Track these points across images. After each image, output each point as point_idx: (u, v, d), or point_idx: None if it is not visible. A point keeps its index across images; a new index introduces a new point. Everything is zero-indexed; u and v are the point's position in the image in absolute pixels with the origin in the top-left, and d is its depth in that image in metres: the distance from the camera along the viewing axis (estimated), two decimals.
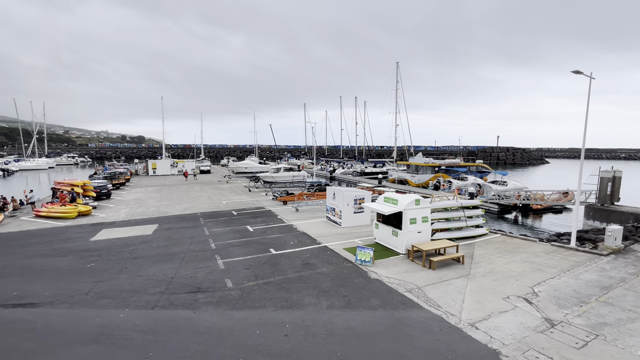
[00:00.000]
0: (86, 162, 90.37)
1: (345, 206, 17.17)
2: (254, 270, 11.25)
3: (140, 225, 17.88)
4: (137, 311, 8.49)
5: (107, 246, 14.04)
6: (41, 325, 7.79)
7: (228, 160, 75.54)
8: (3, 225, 17.96)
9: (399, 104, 54.85)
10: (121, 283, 10.20)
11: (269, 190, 30.31)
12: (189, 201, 25.34)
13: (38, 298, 9.20)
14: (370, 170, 52.84)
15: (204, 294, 9.49)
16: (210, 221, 18.62)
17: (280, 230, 16.70)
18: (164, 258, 12.47)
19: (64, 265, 11.76)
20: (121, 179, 34.15)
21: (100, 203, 24.20)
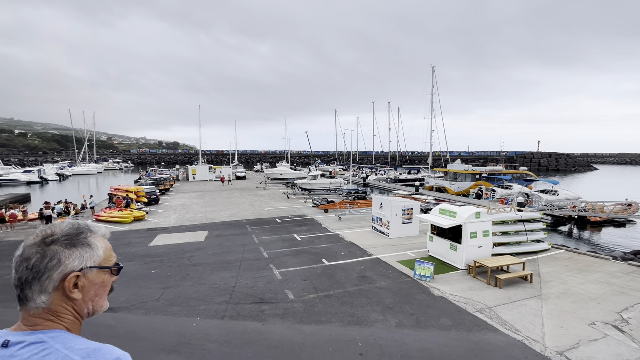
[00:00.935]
0: (129, 167, 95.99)
1: (393, 216, 16.81)
2: (311, 282, 11.22)
3: (192, 231, 18.54)
4: (208, 320, 8.70)
5: (165, 252, 14.65)
6: (123, 331, 8.17)
7: (261, 167, 77.19)
8: None
9: (435, 108, 53.51)
10: (187, 290, 10.54)
11: (308, 197, 30.49)
12: (232, 207, 26.02)
13: (114, 302, 9.69)
14: (405, 177, 51.78)
15: (268, 305, 9.56)
16: (257, 228, 18.94)
17: (327, 239, 16.64)
18: (222, 266, 12.78)
19: (131, 270, 12.38)
20: (166, 185, 35.85)
21: (151, 208, 25.46)
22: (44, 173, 55.33)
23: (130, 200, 23.31)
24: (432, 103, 53.30)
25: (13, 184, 48.36)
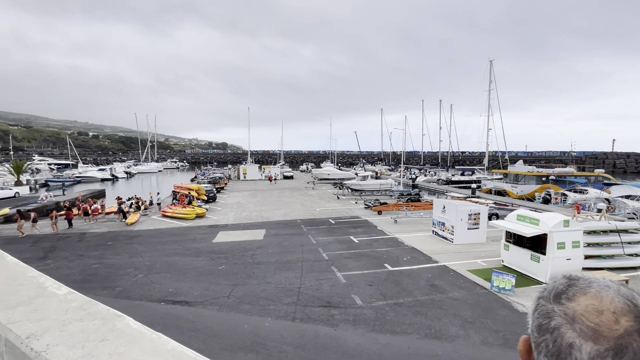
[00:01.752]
0: (184, 166, 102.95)
1: (458, 221, 15.72)
2: (377, 288, 10.78)
3: (250, 229, 19.06)
4: (279, 322, 8.68)
5: (228, 249, 15.15)
6: (201, 326, 8.45)
7: (307, 167, 78.12)
8: (140, 223, 20.96)
9: (492, 105, 49.83)
10: (254, 289, 10.70)
11: (358, 198, 29.99)
12: (285, 207, 26.42)
13: (190, 297, 10.13)
14: (458, 179, 48.87)
15: (337, 310, 9.31)
16: (312, 229, 18.92)
17: (386, 243, 16.05)
18: (284, 266, 12.85)
19: (200, 265, 12.94)
20: (221, 184, 37.62)
21: (209, 206, 26.77)
22: (114, 171, 61.31)
23: (192, 197, 24.72)
24: (490, 99, 49.78)
25: (90, 181, 54.22)
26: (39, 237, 17.59)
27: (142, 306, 9.52)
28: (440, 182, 47.57)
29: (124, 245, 15.94)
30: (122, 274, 12.09)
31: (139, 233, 18.33)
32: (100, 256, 14.17)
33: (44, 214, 26.15)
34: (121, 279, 11.53)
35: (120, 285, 11.03)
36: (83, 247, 15.64)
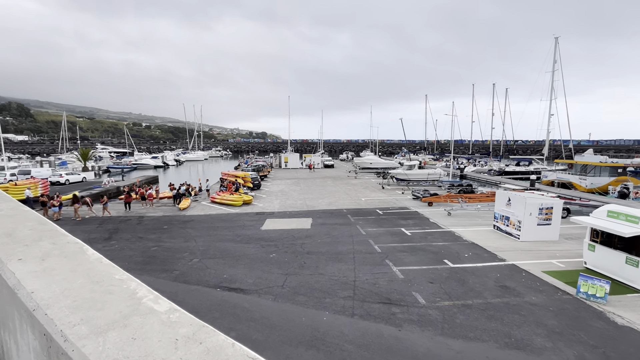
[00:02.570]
0: (228, 154, 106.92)
1: (526, 216, 14.10)
2: (440, 286, 9.89)
3: (296, 217, 18.86)
4: (338, 317, 8.20)
5: (277, 237, 15.01)
6: (258, 316, 8.24)
7: (347, 155, 77.11)
8: (192, 208, 21.71)
9: (556, 89, 44.79)
10: (308, 280, 10.34)
11: (404, 189, 28.67)
12: (329, 196, 25.97)
13: (244, 284, 10.03)
14: (513, 169, 45.02)
15: (398, 308, 8.62)
16: (360, 219, 18.24)
17: (442, 237, 14.91)
18: (335, 257, 12.37)
19: (252, 252, 12.90)
20: (265, 172, 38.15)
21: (255, 193, 27.15)
22: (165, 159, 65.21)
23: (238, 185, 25.16)
24: (553, 82, 44.76)
25: (144, 168, 58.16)
26: (105, 219, 18.88)
27: (199, 291, 9.58)
28: (493, 172, 44.18)
29: (178, 229, 16.51)
30: (179, 257, 12.40)
31: (192, 218, 18.94)
32: (157, 239, 14.76)
33: (108, 198, 28.31)
34: (178, 263, 11.81)
35: (178, 269, 11.27)
36: (142, 230, 16.44)
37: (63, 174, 34.32)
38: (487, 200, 21.44)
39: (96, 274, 1.49)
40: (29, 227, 1.98)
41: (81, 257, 1.63)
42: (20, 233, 1.86)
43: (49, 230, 1.92)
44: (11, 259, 1.56)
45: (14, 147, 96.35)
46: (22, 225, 2.00)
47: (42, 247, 1.71)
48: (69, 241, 1.80)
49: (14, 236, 1.81)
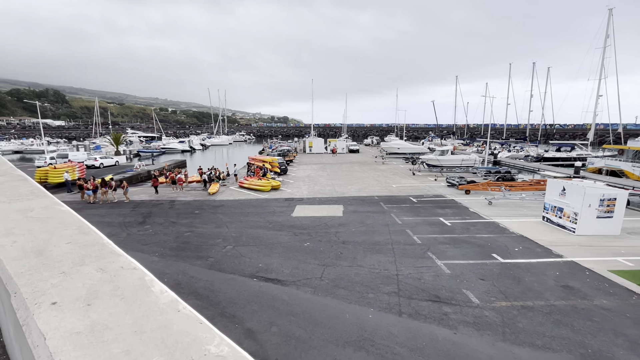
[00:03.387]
0: (251, 139, 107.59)
1: (585, 207, 12.75)
2: (493, 284, 9.04)
3: (327, 204, 18.29)
4: (384, 315, 7.61)
5: (309, 224, 14.53)
6: (299, 310, 7.80)
7: (372, 140, 75.31)
8: (221, 193, 21.66)
9: (606, 67, 40.81)
10: (346, 272, 9.79)
11: (437, 175, 27.34)
12: (357, 182, 25.18)
13: (281, 275, 9.63)
14: (552, 156, 42.03)
15: (450, 307, 7.90)
16: (393, 207, 17.41)
17: (485, 228, 13.87)
18: (372, 247, 11.73)
19: (285, 241, 12.50)
20: (290, 156, 37.72)
21: (282, 178, 26.81)
22: (192, 143, 66.38)
23: (266, 170, 24.84)
24: (604, 59, 40.76)
25: (172, 152, 59.47)
26: (138, 202, 19.15)
27: (236, 281, 9.27)
28: (531, 158, 41.47)
29: (209, 214, 16.41)
30: (212, 244, 12.20)
31: (221, 203, 18.83)
32: (190, 224, 14.68)
33: (138, 181, 28.98)
34: (212, 250, 11.60)
35: (212, 256, 11.05)
36: (174, 214, 16.48)
37: (97, 157, 35.48)
38: (531, 189, 19.92)
39: (176, 338, 0.87)
40: (67, 238, 1.42)
41: (146, 300, 1.04)
42: (56, 249, 1.30)
43: (94, 245, 1.35)
44: (41, 302, 0.98)
45: (53, 132, 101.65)
46: (58, 235, 1.44)
47: (86, 277, 1.13)
48: (123, 266, 1.21)
49: (46, 255, 1.25)
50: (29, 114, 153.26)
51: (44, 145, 42.47)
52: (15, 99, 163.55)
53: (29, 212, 1.66)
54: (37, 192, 2.04)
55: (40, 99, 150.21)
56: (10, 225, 1.47)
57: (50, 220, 1.63)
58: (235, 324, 7.25)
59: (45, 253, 1.28)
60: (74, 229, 1.52)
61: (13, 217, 1.58)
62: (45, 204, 1.84)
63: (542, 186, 20.28)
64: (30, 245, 1.31)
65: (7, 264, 1.13)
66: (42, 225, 1.54)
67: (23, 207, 1.75)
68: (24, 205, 1.77)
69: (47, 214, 1.71)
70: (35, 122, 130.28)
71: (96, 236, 1.42)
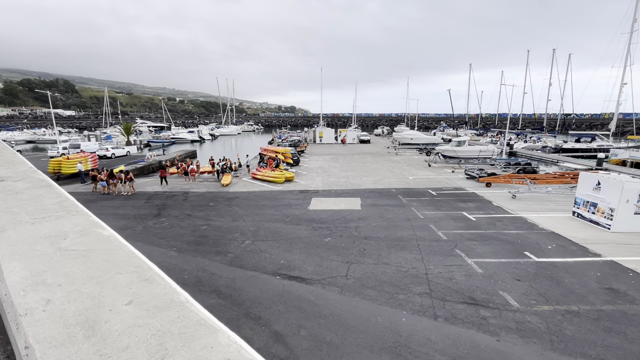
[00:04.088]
0: (259, 129, 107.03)
1: (622, 203, 12.01)
2: (530, 285, 8.50)
3: (343, 197, 17.80)
4: (419, 318, 7.16)
5: (328, 218, 14.08)
6: (327, 312, 7.40)
7: (383, 130, 74.13)
8: (234, 185, 21.31)
9: (632, 53, 38.84)
10: (373, 270, 9.34)
11: (454, 166, 26.55)
12: (372, 174, 24.57)
13: (304, 273, 9.23)
14: (572, 146, 40.62)
15: (488, 310, 7.41)
16: (412, 200, 16.83)
17: (513, 224, 13.24)
18: (396, 243, 11.24)
19: (304, 235, 12.08)
20: (302, 147, 37.16)
21: (294, 169, 26.34)
22: (201, 133, 66.14)
23: (279, 161, 24.38)
24: (630, 44, 38.77)
25: (182, 142, 59.39)
26: (151, 194, 18.92)
27: (258, 278, 8.91)
28: (549, 149, 40.15)
29: (224, 207, 16.07)
30: (230, 238, 11.86)
31: (236, 195, 18.48)
32: (205, 217, 14.37)
33: (150, 172, 28.84)
34: (230, 245, 11.25)
35: (231, 251, 10.70)
36: (189, 206, 16.19)
37: (109, 147, 35.44)
38: (556, 182, 19.10)
39: None
40: (124, 291, 0.96)
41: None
42: (114, 319, 0.83)
43: (169, 306, 0.89)
44: None
45: (63, 122, 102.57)
46: (111, 285, 0.98)
47: None
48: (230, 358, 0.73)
49: (101, 333, 0.78)
50: (40, 104, 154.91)
51: (56, 135, 42.65)
52: (26, 89, 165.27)
53: (62, 241, 1.21)
54: (68, 206, 1.57)
55: (50, 89, 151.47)
56: (40, 267, 1.01)
57: (93, 255, 1.17)
58: (261, 326, 6.89)
59: (99, 327, 0.80)
60: (131, 271, 1.06)
61: (42, 251, 1.12)
62: (82, 226, 1.38)
63: (567, 179, 19.44)
64: (74, 308, 0.85)
65: (42, 355, 0.65)
66: (84, 266, 1.08)
67: (53, 231, 1.29)
68: (54, 229, 1.31)
69: (87, 244, 1.25)
70: (46, 112, 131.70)
71: (166, 286, 0.96)
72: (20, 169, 2.38)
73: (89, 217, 1.49)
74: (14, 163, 2.52)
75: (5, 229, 1.29)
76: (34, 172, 2.27)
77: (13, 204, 1.51)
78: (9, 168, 2.32)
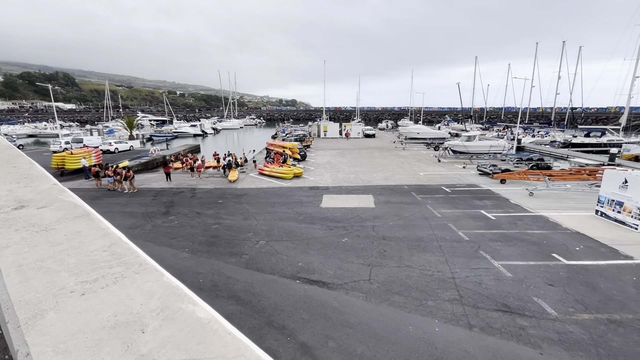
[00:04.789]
0: (261, 123, 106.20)
1: None
2: (565, 290, 8.06)
3: (355, 194, 17.34)
4: (453, 328, 6.73)
5: (342, 217, 13.63)
6: (354, 320, 6.98)
7: (387, 124, 73.33)
8: (241, 181, 20.85)
9: None
10: (396, 274, 8.91)
11: (465, 162, 26.01)
12: (382, 169, 24.06)
13: (325, 276, 8.80)
14: (581, 141, 39.94)
15: (525, 319, 6.98)
16: (427, 198, 16.35)
17: (535, 223, 12.77)
18: (417, 244, 10.80)
19: (320, 235, 11.64)
20: (307, 142, 36.59)
21: (302, 165, 25.84)
22: (203, 127, 65.47)
23: (286, 156, 23.86)
24: None
25: (184, 136, 58.80)
26: (158, 190, 18.47)
27: (277, 282, 8.49)
28: (558, 144, 39.50)
29: (233, 204, 15.63)
30: (243, 238, 11.42)
31: (244, 192, 18.02)
32: (216, 215, 13.93)
33: (154, 167, 28.38)
34: (244, 245, 10.82)
35: (246, 252, 10.27)
36: (197, 204, 15.75)
37: (112, 142, 34.92)
38: (572, 179, 18.59)
39: None
40: None
41: None
42: None
43: None
44: None
45: (64, 115, 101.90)
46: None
47: None
48: None
49: None
50: (41, 97, 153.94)
51: (58, 129, 42.12)
52: (26, 82, 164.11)
53: (141, 337, 0.74)
54: (124, 253, 1.07)
55: (50, 82, 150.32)
56: None
57: None
58: (286, 336, 6.48)
59: None
60: None
61: None
62: (158, 296, 0.91)
63: (584, 176, 18.94)
64: None
65: None
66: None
67: (118, 310, 0.83)
68: (119, 305, 0.84)
69: (181, 342, 0.77)
70: (47, 106, 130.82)
71: None
72: (42, 186, 1.87)
73: (162, 277, 1.01)
74: (32, 178, 2.01)
75: (43, 308, 0.82)
76: (61, 193, 1.76)
77: (45, 252, 1.05)
78: (28, 186, 1.82)
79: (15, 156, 3.18)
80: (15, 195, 1.80)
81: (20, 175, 2.16)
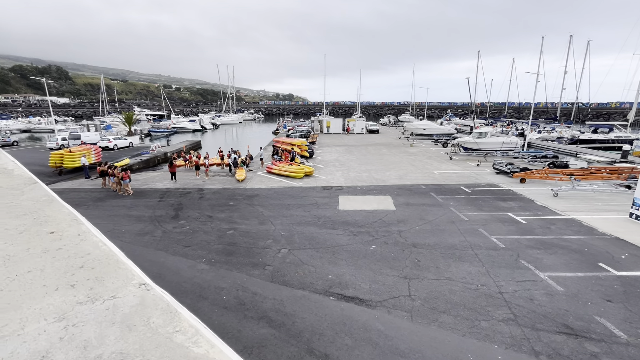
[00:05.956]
0: (260, 117, 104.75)
1: None
2: (626, 307, 7.36)
3: (371, 194, 16.55)
4: (517, 356, 6.00)
5: (364, 221, 12.86)
6: (404, 347, 6.22)
7: (389, 119, 72.45)
8: (250, 180, 19.97)
9: None
10: (438, 288, 8.17)
11: (479, 160, 25.29)
12: (394, 168, 23.28)
13: (360, 291, 8.03)
14: (589, 137, 39.42)
15: (593, 344, 6.27)
16: (448, 199, 15.62)
17: (569, 227, 12.09)
18: (452, 253, 10.05)
19: (345, 242, 10.86)
20: (312, 138, 35.67)
21: (311, 163, 24.98)
22: (202, 122, 64.16)
23: (295, 154, 22.99)
24: None
25: (183, 132, 57.52)
26: (164, 191, 17.55)
27: (309, 299, 7.71)
28: (565, 141, 38.96)
29: (245, 206, 14.79)
30: (263, 246, 10.61)
31: (255, 192, 17.16)
32: (229, 219, 13.09)
33: (155, 164, 27.36)
34: (265, 254, 10.02)
35: (269, 263, 9.47)
36: (207, 206, 14.88)
37: (111, 139, 33.76)
38: (595, 178, 17.97)
39: None
40: None
41: None
42: None
43: None
44: None
45: (58, 110, 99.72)
46: None
47: None
48: None
49: None
50: (33, 91, 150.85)
51: (53, 124, 40.78)
52: (18, 76, 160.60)
53: None
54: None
55: (43, 75, 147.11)
56: None
57: None
58: None
59: None
60: None
61: None
62: None
63: (604, 175, 18.33)
64: None
65: None
66: None
67: None
68: None
69: None
70: (40, 100, 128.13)
71: None
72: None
73: None
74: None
75: None
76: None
77: None
78: None
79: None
80: None
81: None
